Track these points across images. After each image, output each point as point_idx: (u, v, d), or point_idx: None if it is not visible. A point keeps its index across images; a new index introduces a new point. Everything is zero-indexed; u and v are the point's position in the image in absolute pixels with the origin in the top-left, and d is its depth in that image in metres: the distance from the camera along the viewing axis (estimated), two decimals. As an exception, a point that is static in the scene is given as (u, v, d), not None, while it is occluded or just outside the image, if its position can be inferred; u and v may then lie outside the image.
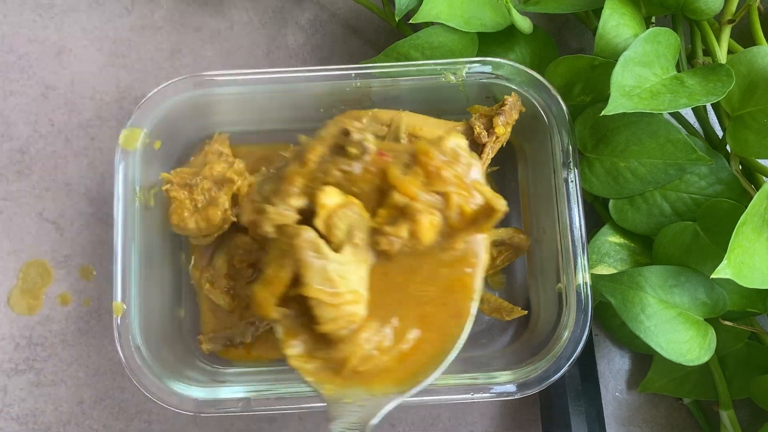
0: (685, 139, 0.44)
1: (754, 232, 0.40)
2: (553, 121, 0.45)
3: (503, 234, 0.48)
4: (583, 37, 0.55)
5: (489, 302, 0.48)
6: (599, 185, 0.46)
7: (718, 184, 0.45)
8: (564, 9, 0.47)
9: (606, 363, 0.52)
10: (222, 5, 0.56)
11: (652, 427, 0.51)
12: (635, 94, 0.41)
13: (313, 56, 0.55)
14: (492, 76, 0.45)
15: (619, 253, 0.47)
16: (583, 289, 0.43)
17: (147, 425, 0.51)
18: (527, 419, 0.51)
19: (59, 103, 0.54)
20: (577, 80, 0.46)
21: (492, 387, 0.43)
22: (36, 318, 0.52)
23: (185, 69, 0.55)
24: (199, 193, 0.45)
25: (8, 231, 0.52)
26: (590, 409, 0.47)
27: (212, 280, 0.49)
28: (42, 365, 0.51)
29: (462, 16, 0.47)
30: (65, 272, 0.52)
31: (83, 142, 0.53)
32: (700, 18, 0.45)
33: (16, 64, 0.54)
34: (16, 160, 0.53)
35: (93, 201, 0.53)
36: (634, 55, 0.41)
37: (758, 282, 0.40)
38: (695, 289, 0.44)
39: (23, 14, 0.55)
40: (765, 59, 0.43)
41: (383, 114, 0.47)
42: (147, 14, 0.55)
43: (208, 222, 0.45)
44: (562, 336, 0.43)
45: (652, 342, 0.42)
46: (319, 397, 0.38)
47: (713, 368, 0.47)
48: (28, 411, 0.51)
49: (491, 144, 0.45)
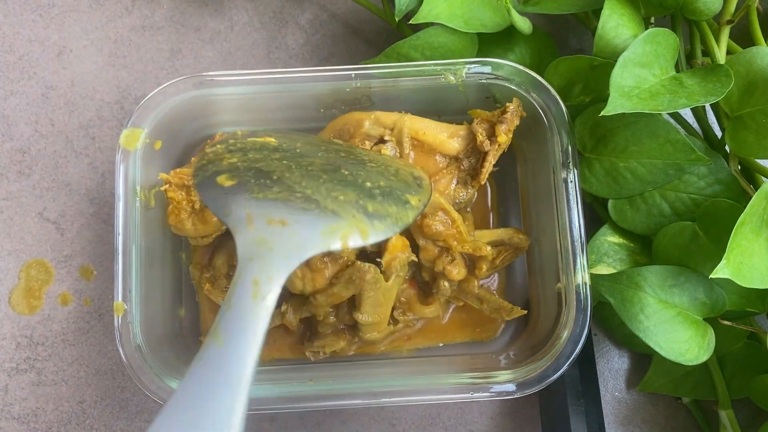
0: (684, 140, 0.44)
1: (753, 232, 0.40)
2: (553, 121, 0.45)
3: (503, 234, 0.48)
4: (583, 38, 0.55)
5: (489, 302, 0.48)
6: (599, 185, 0.46)
7: (717, 185, 0.45)
8: (563, 9, 0.47)
9: (605, 362, 0.52)
10: (222, 5, 0.56)
11: (651, 426, 0.52)
12: (634, 95, 0.41)
13: (313, 56, 0.55)
14: (492, 76, 0.45)
15: (619, 253, 0.47)
16: (583, 289, 0.43)
17: (147, 425, 0.51)
18: (527, 419, 0.51)
19: (60, 103, 0.54)
20: (576, 81, 0.47)
21: (492, 386, 0.43)
22: (37, 318, 0.52)
23: (185, 69, 0.55)
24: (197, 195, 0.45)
25: (9, 231, 0.53)
26: (589, 409, 0.47)
27: (212, 280, 0.49)
28: (43, 365, 0.51)
29: (462, 16, 0.47)
30: (66, 272, 0.52)
31: (84, 142, 0.53)
32: (699, 18, 0.45)
33: (16, 65, 0.54)
34: (17, 160, 0.53)
35: (93, 201, 0.53)
36: (634, 55, 0.42)
37: (757, 282, 0.40)
38: (694, 289, 0.44)
39: (24, 14, 0.55)
40: (764, 60, 0.43)
41: (385, 117, 0.47)
42: (147, 14, 0.55)
43: (205, 224, 0.45)
44: (562, 335, 0.43)
45: (651, 341, 0.43)
46: (318, 397, 0.40)
47: (712, 368, 0.48)
48: (29, 410, 0.51)
49: (494, 152, 0.45)
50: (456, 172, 0.46)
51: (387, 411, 0.51)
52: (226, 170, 0.40)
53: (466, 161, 0.46)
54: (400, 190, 0.41)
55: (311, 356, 0.49)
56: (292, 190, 0.39)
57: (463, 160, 0.46)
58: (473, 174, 0.47)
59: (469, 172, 0.47)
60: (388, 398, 0.44)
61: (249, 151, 0.42)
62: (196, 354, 0.33)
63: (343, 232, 0.37)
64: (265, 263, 0.36)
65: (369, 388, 0.44)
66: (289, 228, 0.37)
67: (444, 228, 0.45)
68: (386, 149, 0.45)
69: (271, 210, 0.38)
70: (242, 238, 0.37)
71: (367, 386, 0.44)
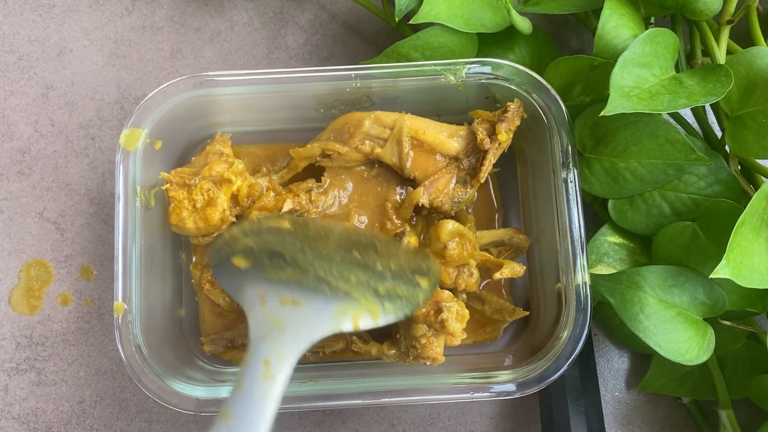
0: (684, 140, 0.44)
1: (753, 232, 0.40)
2: (553, 121, 0.45)
3: (503, 234, 0.49)
4: (583, 38, 0.55)
5: (491, 303, 0.48)
6: (599, 185, 0.46)
7: (717, 185, 0.45)
8: (563, 10, 0.47)
9: (605, 362, 0.52)
10: (222, 6, 0.56)
11: (651, 426, 0.52)
12: (634, 95, 0.41)
13: (313, 56, 0.55)
14: (492, 76, 0.45)
15: (618, 253, 0.47)
16: (583, 289, 0.43)
17: (147, 425, 0.51)
18: (527, 419, 0.51)
19: (60, 103, 0.54)
20: (576, 81, 0.47)
21: (492, 386, 0.43)
22: (37, 318, 0.52)
23: (186, 69, 0.55)
24: (198, 194, 0.45)
25: (9, 231, 0.53)
26: (589, 409, 0.47)
27: (212, 280, 0.49)
28: (43, 365, 0.51)
29: (462, 16, 0.47)
30: (66, 272, 0.52)
31: (84, 143, 0.53)
32: (699, 18, 0.45)
33: (16, 65, 0.54)
34: (17, 160, 0.53)
35: (93, 201, 0.53)
36: (633, 55, 0.42)
37: (757, 282, 0.40)
38: (694, 289, 0.44)
39: (24, 14, 0.55)
40: (764, 60, 0.43)
41: (385, 117, 0.47)
42: (147, 14, 0.55)
43: (206, 222, 0.45)
44: (562, 335, 0.43)
45: (651, 341, 0.43)
46: (317, 397, 0.41)
47: (712, 368, 0.48)
48: (29, 410, 0.51)
49: (494, 150, 0.45)
50: (455, 172, 0.46)
51: (387, 411, 0.52)
52: (242, 252, 0.42)
53: (465, 161, 0.46)
54: (410, 273, 0.42)
55: (311, 356, 0.49)
56: (304, 271, 0.40)
57: (463, 159, 0.46)
58: (473, 173, 0.47)
59: (468, 172, 0.47)
60: (388, 398, 0.44)
61: (264, 234, 0.43)
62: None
63: (354, 312, 0.38)
64: (276, 343, 0.37)
65: (369, 388, 0.44)
66: (302, 308, 0.38)
67: (462, 249, 0.45)
68: (406, 238, 0.46)
69: (284, 290, 0.39)
70: (255, 317, 0.38)
71: (367, 386, 0.44)
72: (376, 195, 0.48)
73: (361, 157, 0.47)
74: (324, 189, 0.48)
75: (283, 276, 0.40)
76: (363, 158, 0.47)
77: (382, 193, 0.48)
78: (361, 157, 0.47)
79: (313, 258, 0.41)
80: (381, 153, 0.47)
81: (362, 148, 0.47)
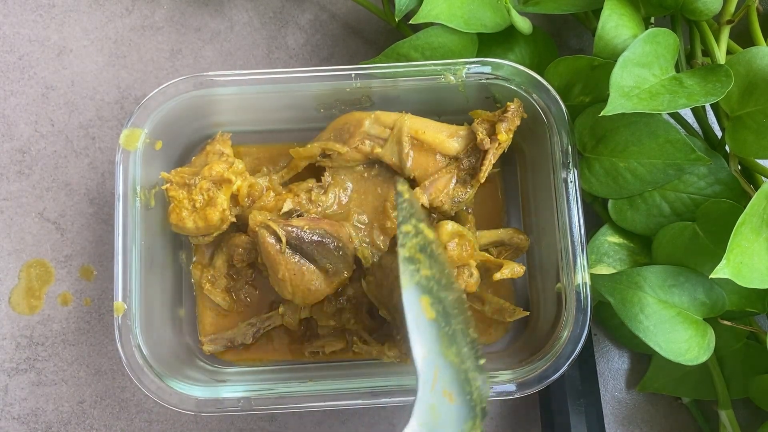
0: (684, 140, 0.44)
1: (753, 233, 0.40)
2: (553, 121, 0.45)
3: (503, 234, 0.49)
4: (583, 38, 0.55)
5: (491, 303, 0.48)
6: (598, 185, 0.46)
7: (717, 185, 0.45)
8: (563, 9, 0.47)
9: (605, 362, 0.52)
10: (222, 6, 0.56)
11: (651, 426, 0.52)
12: (634, 95, 0.41)
13: (313, 56, 0.55)
14: (492, 76, 0.45)
15: (618, 253, 0.47)
16: (583, 289, 0.43)
17: (147, 424, 0.51)
18: (527, 419, 0.51)
19: (60, 103, 0.54)
20: (576, 81, 0.47)
21: (492, 386, 0.43)
22: (37, 318, 0.52)
23: (186, 69, 0.55)
24: (198, 193, 0.45)
25: (9, 231, 0.53)
26: (589, 409, 0.47)
27: (212, 280, 0.49)
28: (43, 365, 0.51)
29: (462, 16, 0.47)
30: (66, 272, 0.52)
31: (84, 143, 0.53)
32: (699, 18, 0.45)
33: (16, 64, 0.54)
34: (17, 160, 0.53)
35: (93, 201, 0.53)
36: (633, 55, 0.42)
37: (757, 282, 0.40)
38: (694, 289, 0.44)
39: (24, 14, 0.55)
40: (764, 60, 0.43)
41: (385, 117, 0.47)
42: (147, 14, 0.55)
43: (206, 222, 0.45)
44: (562, 335, 0.43)
45: (651, 341, 0.43)
46: (317, 397, 0.40)
47: (712, 368, 0.48)
48: (29, 410, 0.51)
49: (494, 150, 0.45)
50: (455, 172, 0.46)
51: (387, 411, 0.51)
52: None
53: (465, 161, 0.46)
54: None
55: (311, 356, 0.49)
56: (461, 358, 0.36)
57: (463, 159, 0.46)
58: (473, 173, 0.47)
59: (468, 172, 0.47)
60: (388, 398, 0.44)
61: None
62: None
63: (475, 430, 0.35)
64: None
65: (369, 388, 0.44)
66: (454, 408, 0.35)
67: (461, 250, 0.45)
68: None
69: (447, 375, 0.35)
70: (423, 401, 0.34)
71: (367, 386, 0.44)
72: (376, 195, 0.48)
73: (361, 156, 0.47)
74: (324, 189, 0.48)
75: (449, 356, 0.35)
76: (363, 158, 0.47)
77: (382, 193, 0.48)
78: (361, 156, 0.47)
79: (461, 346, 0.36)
80: (381, 153, 0.47)
81: (362, 147, 0.47)
